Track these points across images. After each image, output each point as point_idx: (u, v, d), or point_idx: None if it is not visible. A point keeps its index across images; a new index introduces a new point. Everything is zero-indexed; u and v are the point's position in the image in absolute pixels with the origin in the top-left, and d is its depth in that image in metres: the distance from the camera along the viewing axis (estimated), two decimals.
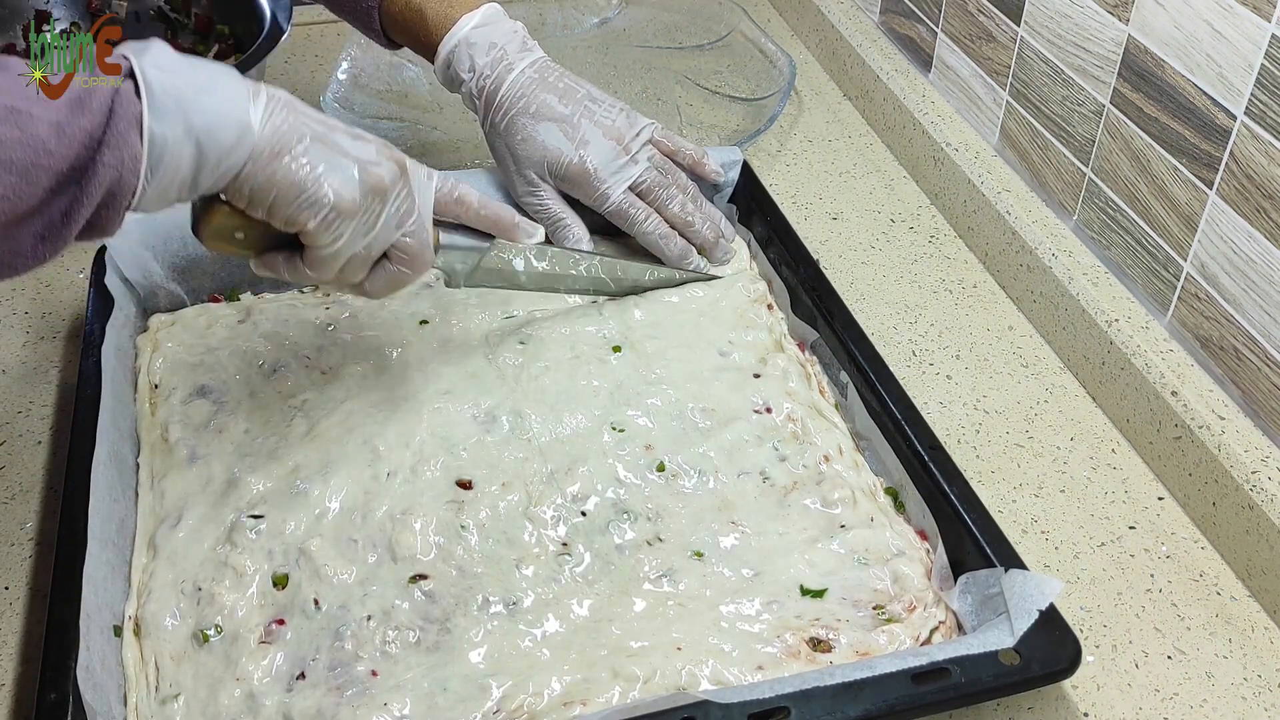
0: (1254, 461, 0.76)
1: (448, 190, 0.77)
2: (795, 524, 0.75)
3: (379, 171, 0.67)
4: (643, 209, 0.91)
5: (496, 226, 0.80)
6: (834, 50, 1.29)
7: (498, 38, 0.91)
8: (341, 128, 0.68)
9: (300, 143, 0.64)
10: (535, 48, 0.93)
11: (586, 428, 0.80)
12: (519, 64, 0.91)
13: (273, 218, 0.65)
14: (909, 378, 0.90)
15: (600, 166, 0.90)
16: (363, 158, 0.67)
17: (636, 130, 0.92)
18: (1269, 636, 0.73)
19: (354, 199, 0.66)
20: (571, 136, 0.90)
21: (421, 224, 0.72)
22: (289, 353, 0.85)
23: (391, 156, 0.69)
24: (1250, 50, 0.75)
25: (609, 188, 0.90)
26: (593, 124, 0.91)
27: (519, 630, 0.68)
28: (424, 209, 0.72)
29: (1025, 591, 0.66)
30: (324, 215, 0.65)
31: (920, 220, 1.09)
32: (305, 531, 0.73)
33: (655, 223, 0.91)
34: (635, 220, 0.91)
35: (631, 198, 0.91)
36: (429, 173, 0.74)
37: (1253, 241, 0.78)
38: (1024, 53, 1.00)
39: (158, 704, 0.65)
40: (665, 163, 0.94)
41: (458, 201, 0.77)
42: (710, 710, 0.61)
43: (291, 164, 0.63)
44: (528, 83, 0.91)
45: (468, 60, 0.91)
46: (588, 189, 0.91)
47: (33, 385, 0.88)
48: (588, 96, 0.92)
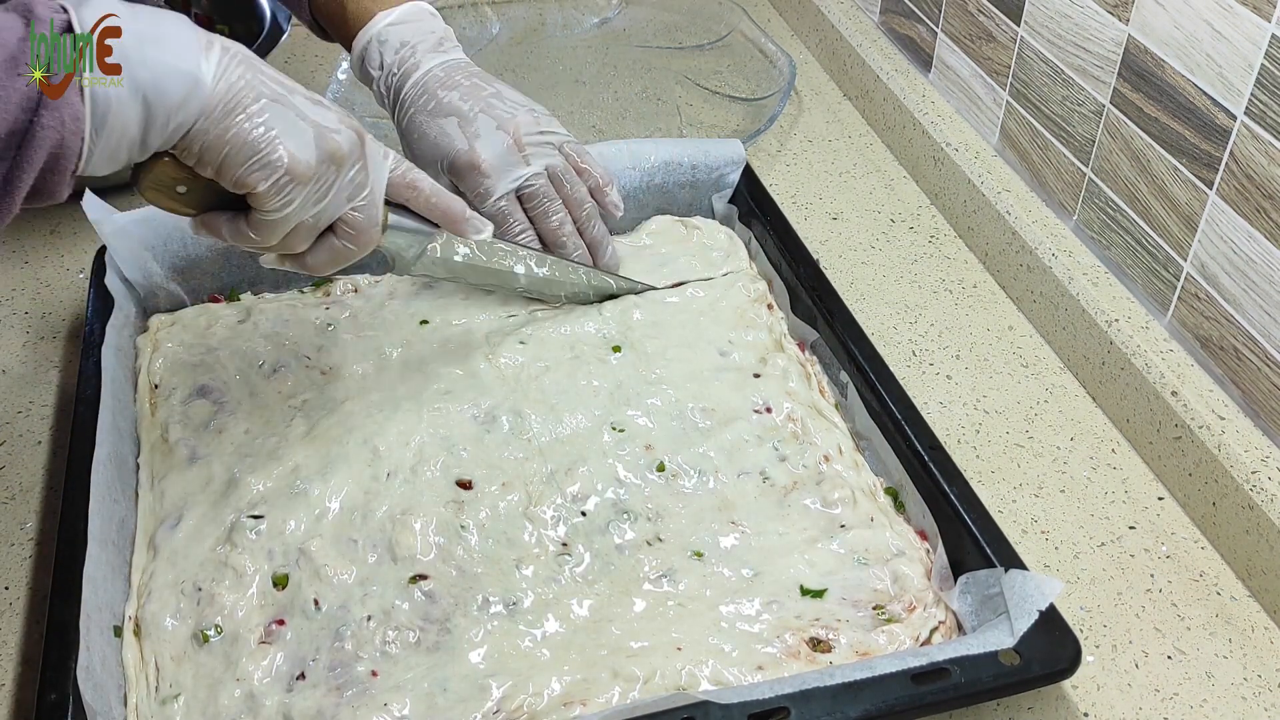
0: (1254, 461, 0.76)
1: (401, 173, 0.73)
2: (795, 524, 0.75)
3: (337, 139, 0.65)
4: (519, 220, 0.88)
5: (446, 218, 0.76)
6: (834, 50, 1.29)
7: (410, 36, 0.90)
8: (301, 91, 0.65)
9: (256, 101, 0.61)
10: (453, 50, 0.92)
11: (586, 428, 0.80)
12: (426, 63, 0.90)
13: (221, 177, 0.62)
14: (909, 378, 0.90)
15: (487, 160, 0.87)
16: (321, 123, 0.64)
17: (539, 130, 0.89)
18: (1269, 636, 0.73)
19: (309, 164, 0.63)
20: (465, 130, 0.88)
21: (373, 200, 0.69)
22: (289, 353, 0.85)
23: (351, 125, 0.67)
24: (1250, 50, 0.75)
25: (492, 184, 0.87)
26: (489, 118, 0.88)
27: (519, 630, 0.68)
28: (376, 185, 0.70)
29: (1025, 591, 0.66)
30: (276, 178, 0.62)
31: (920, 220, 1.09)
32: (305, 531, 0.73)
33: (529, 237, 0.89)
34: (510, 228, 0.88)
35: (512, 203, 0.88)
36: (385, 151, 0.72)
37: (1253, 241, 0.78)
38: (1024, 53, 1.00)
39: (158, 704, 0.65)
40: (568, 174, 0.89)
41: (410, 186, 0.74)
42: (710, 710, 0.61)
43: (245, 123, 0.61)
44: (432, 81, 0.89)
45: (378, 57, 0.91)
46: (472, 182, 0.88)
47: (33, 385, 0.88)
48: (494, 95, 0.89)
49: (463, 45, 0.93)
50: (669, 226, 0.98)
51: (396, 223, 0.74)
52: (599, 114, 1.21)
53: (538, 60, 1.30)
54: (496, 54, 1.30)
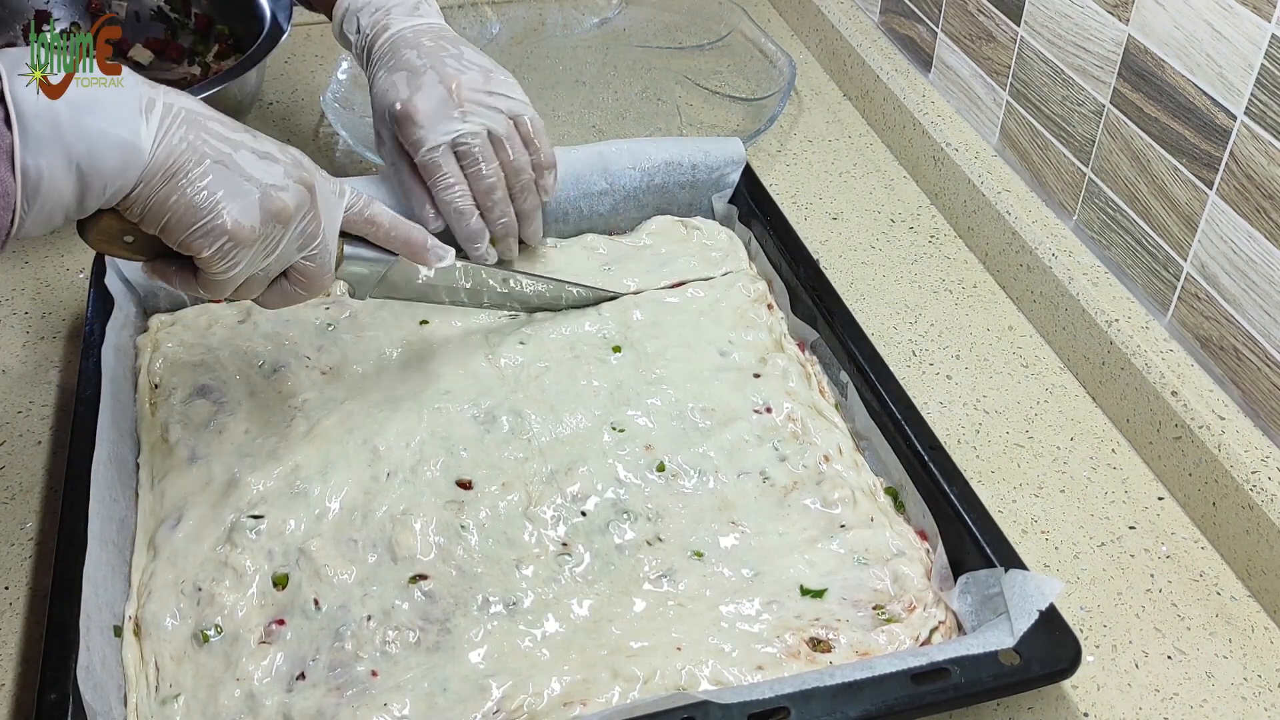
0: (1254, 461, 0.76)
1: (359, 209, 0.73)
2: (795, 524, 0.75)
3: (283, 198, 0.64)
4: (451, 172, 0.87)
5: (406, 248, 0.76)
6: (834, 50, 1.29)
7: (386, 1, 0.91)
8: (249, 145, 0.64)
9: (199, 165, 0.60)
10: (430, 14, 0.92)
11: (586, 428, 0.80)
12: (396, 25, 0.90)
13: (165, 239, 0.62)
14: (909, 378, 0.90)
15: (423, 111, 0.85)
16: (267, 182, 0.63)
17: (486, 90, 0.87)
18: (1269, 636, 0.73)
19: (253, 227, 0.62)
20: (410, 83, 0.87)
21: (324, 247, 0.69)
22: (289, 353, 0.85)
23: (299, 179, 0.66)
24: (1250, 50, 0.75)
25: (425, 134, 0.86)
26: (435, 73, 0.87)
27: (519, 630, 0.68)
28: (329, 230, 0.69)
29: (1025, 591, 0.66)
30: (220, 244, 0.62)
31: (920, 220, 1.09)
32: (305, 531, 0.73)
33: (457, 192, 0.87)
34: (438, 180, 0.87)
35: (446, 156, 0.86)
36: (341, 189, 0.71)
37: (1253, 241, 0.78)
38: (1024, 53, 1.00)
39: (158, 704, 0.65)
40: (512, 139, 0.88)
41: (368, 221, 0.74)
42: (710, 710, 0.61)
43: (187, 188, 0.60)
44: (399, 41, 0.89)
45: (354, 22, 0.92)
46: (407, 131, 0.86)
47: (33, 385, 0.88)
48: (453, 55, 0.88)
49: None
50: (669, 226, 0.98)
51: (353, 254, 0.74)
52: (599, 114, 1.21)
53: (538, 60, 1.30)
54: (496, 54, 1.29)
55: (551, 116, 1.20)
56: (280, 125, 1.19)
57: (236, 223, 0.61)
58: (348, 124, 1.10)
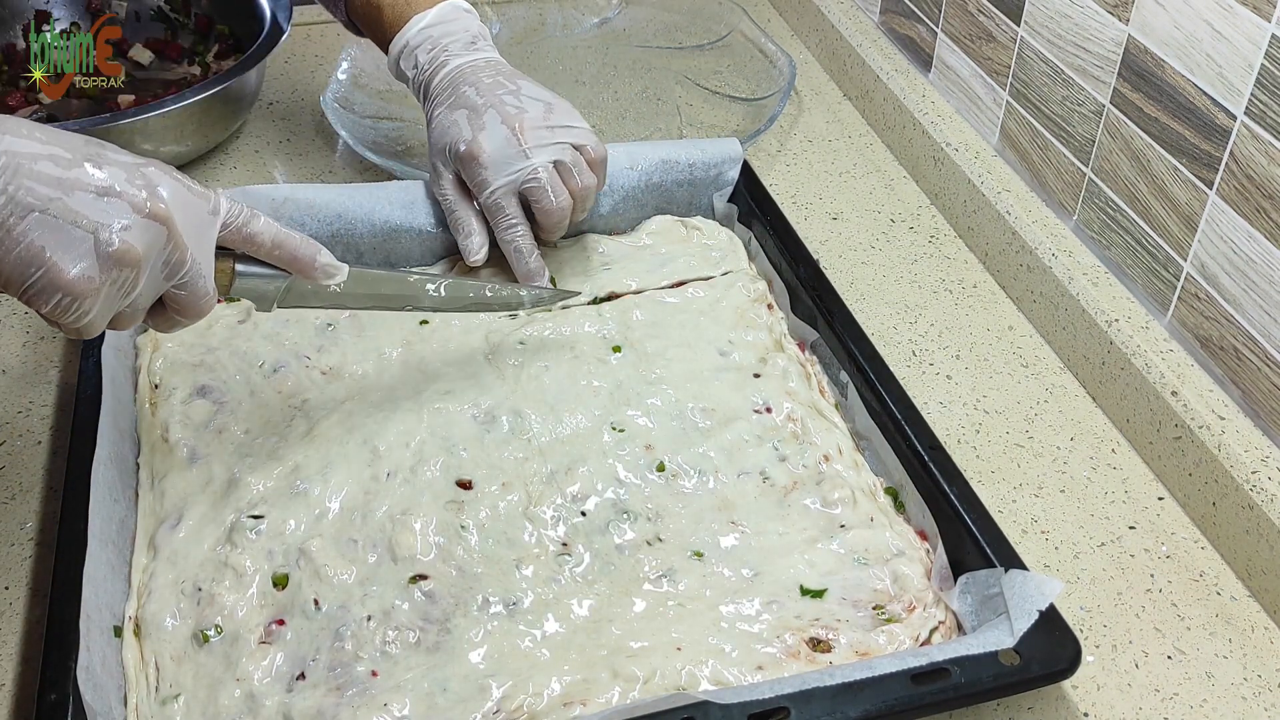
0: (1254, 461, 0.76)
1: (239, 225, 0.67)
2: (795, 524, 0.75)
3: (126, 239, 0.58)
4: (514, 214, 0.88)
5: (294, 266, 0.71)
6: (834, 50, 1.29)
7: (443, 37, 0.92)
8: (85, 183, 0.58)
9: (23, 219, 0.56)
10: (486, 49, 0.93)
11: (586, 428, 0.80)
12: (454, 61, 0.91)
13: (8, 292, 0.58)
14: (909, 378, 0.90)
15: (488, 152, 0.87)
16: (105, 223, 0.58)
17: (548, 125, 0.88)
18: (1269, 636, 0.73)
19: (91, 279, 0.58)
20: (473, 123, 0.88)
21: (195, 273, 0.64)
22: (289, 353, 0.85)
23: (151, 212, 0.60)
24: (1250, 50, 0.75)
25: (489, 175, 0.87)
26: (497, 112, 0.88)
27: (519, 630, 0.68)
28: (200, 255, 0.64)
29: (1025, 591, 0.66)
30: (57, 300, 0.57)
31: (920, 220, 1.09)
32: (305, 531, 0.73)
33: (519, 232, 0.88)
34: (500, 222, 0.88)
35: (509, 197, 0.88)
36: (214, 208, 0.65)
37: (1253, 241, 0.78)
38: (1024, 53, 1.00)
39: (158, 704, 0.65)
40: (578, 165, 0.89)
41: (248, 240, 0.68)
42: (710, 710, 0.61)
43: (14, 247, 0.56)
44: (456, 77, 0.90)
45: (413, 59, 0.93)
46: (472, 173, 0.88)
47: (33, 385, 0.88)
48: (510, 91, 0.89)
49: None
50: (669, 226, 0.98)
51: (245, 270, 0.70)
52: (599, 114, 1.21)
53: (538, 60, 1.30)
54: None
55: None
56: (280, 125, 1.19)
57: (72, 277, 0.57)
58: (348, 124, 1.10)
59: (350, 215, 0.92)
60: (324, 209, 0.91)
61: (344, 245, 0.92)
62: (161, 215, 0.61)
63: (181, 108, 1.03)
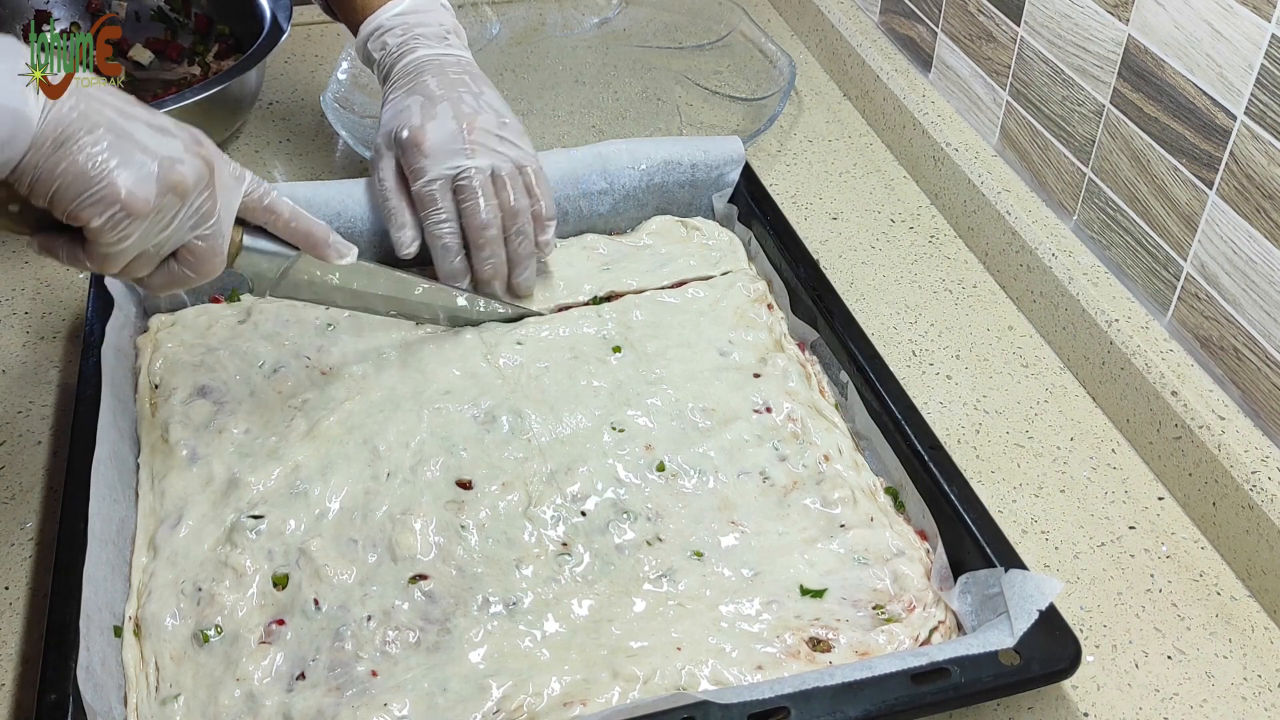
0: (1254, 461, 0.76)
1: (258, 196, 0.71)
2: (795, 524, 0.75)
3: (182, 170, 0.62)
4: (445, 208, 0.86)
5: (307, 242, 0.74)
6: (834, 50, 1.29)
7: (416, 25, 0.91)
8: (144, 117, 0.62)
9: (90, 132, 0.58)
10: (458, 46, 0.92)
11: (586, 428, 0.80)
12: (422, 50, 0.90)
13: (54, 210, 0.60)
14: (909, 378, 0.90)
15: (431, 141, 0.85)
16: (164, 154, 0.62)
17: (498, 134, 0.87)
18: (1269, 636, 0.73)
19: (147, 199, 0.60)
20: (425, 111, 0.87)
21: (218, 229, 0.67)
22: (289, 353, 0.85)
23: (199, 154, 0.64)
24: (1250, 50, 0.75)
25: (428, 164, 0.85)
26: (452, 106, 0.87)
27: (519, 630, 0.68)
28: (225, 213, 0.67)
29: (1025, 591, 0.66)
30: (111, 214, 0.60)
31: (920, 220, 1.09)
32: (305, 531, 0.73)
33: (447, 228, 0.86)
34: (430, 213, 0.86)
35: (444, 190, 0.86)
36: (239, 174, 0.69)
37: (1253, 241, 0.78)
38: (1024, 53, 1.00)
39: (158, 704, 0.65)
40: (515, 183, 0.87)
41: (267, 209, 0.71)
42: (710, 710, 0.61)
43: (79, 155, 0.58)
44: (423, 65, 0.89)
45: (381, 42, 0.92)
46: (411, 158, 0.86)
47: (33, 385, 0.88)
48: (471, 92, 0.88)
49: None
50: (669, 226, 0.98)
51: (252, 244, 0.72)
52: (599, 114, 1.21)
53: (538, 60, 1.30)
54: (496, 54, 1.30)
55: (552, 116, 1.21)
56: (280, 125, 1.19)
57: (130, 193, 0.60)
58: (348, 124, 1.10)
59: (349, 213, 0.92)
60: (323, 206, 0.91)
61: None
62: (208, 159, 0.65)
63: (181, 108, 1.03)
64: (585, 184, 0.97)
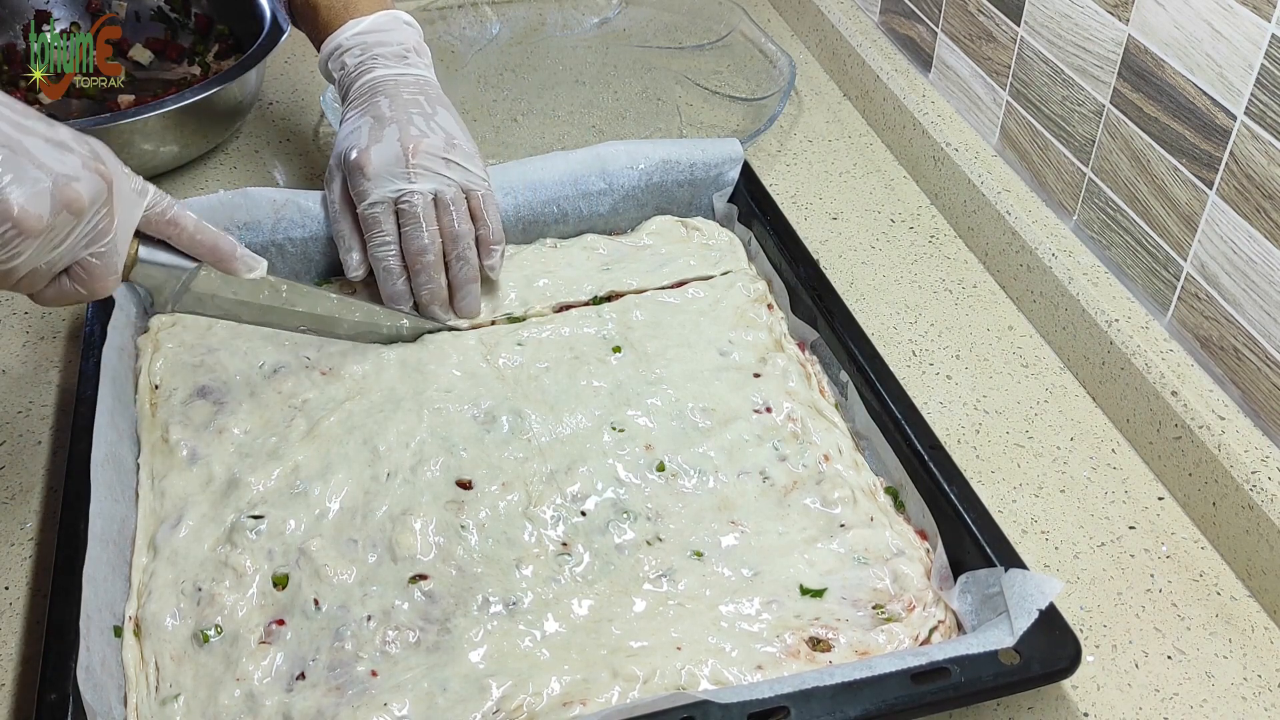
0: (1254, 461, 0.76)
1: (161, 210, 0.70)
2: (795, 523, 0.75)
3: (78, 188, 0.61)
4: (388, 230, 0.86)
5: (213, 255, 0.73)
6: (834, 50, 1.29)
7: (375, 45, 0.91)
8: (42, 131, 0.61)
9: None
10: (418, 65, 0.92)
11: (586, 428, 0.80)
12: (379, 70, 0.90)
13: None
14: (909, 378, 0.90)
15: (374, 164, 0.85)
16: (60, 170, 0.60)
17: (444, 157, 0.86)
18: (1269, 636, 0.73)
19: (40, 216, 0.59)
20: (373, 133, 0.87)
21: (113, 246, 0.66)
22: (289, 353, 0.85)
23: (97, 170, 0.63)
24: (1250, 50, 0.75)
25: (369, 187, 0.85)
26: (398, 129, 0.86)
27: (519, 630, 0.68)
28: (121, 229, 0.66)
29: (1025, 591, 0.66)
30: (2, 231, 0.58)
31: (920, 220, 1.09)
32: (305, 531, 0.73)
33: (389, 250, 0.86)
34: (373, 236, 0.86)
35: (387, 213, 0.86)
36: (142, 188, 0.68)
37: (1253, 241, 0.78)
38: (1024, 53, 1.00)
39: (158, 704, 0.65)
40: (458, 206, 0.86)
41: (170, 223, 0.71)
42: (710, 710, 0.61)
43: None
44: (377, 86, 0.89)
45: (340, 62, 0.92)
46: (355, 181, 0.86)
47: (33, 385, 0.88)
48: (423, 114, 0.88)
49: (462, 45, 0.93)
50: (669, 227, 0.98)
51: (148, 257, 0.71)
52: (599, 114, 1.21)
53: (538, 60, 1.30)
54: (496, 54, 1.30)
55: (551, 116, 1.21)
56: (280, 125, 1.19)
57: (23, 209, 0.58)
58: None
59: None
60: (323, 218, 0.91)
61: None
62: (107, 176, 0.63)
63: (181, 108, 1.03)
64: (584, 184, 0.97)
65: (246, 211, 0.90)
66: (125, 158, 1.02)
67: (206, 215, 0.89)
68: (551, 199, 0.96)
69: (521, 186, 0.96)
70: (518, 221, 0.96)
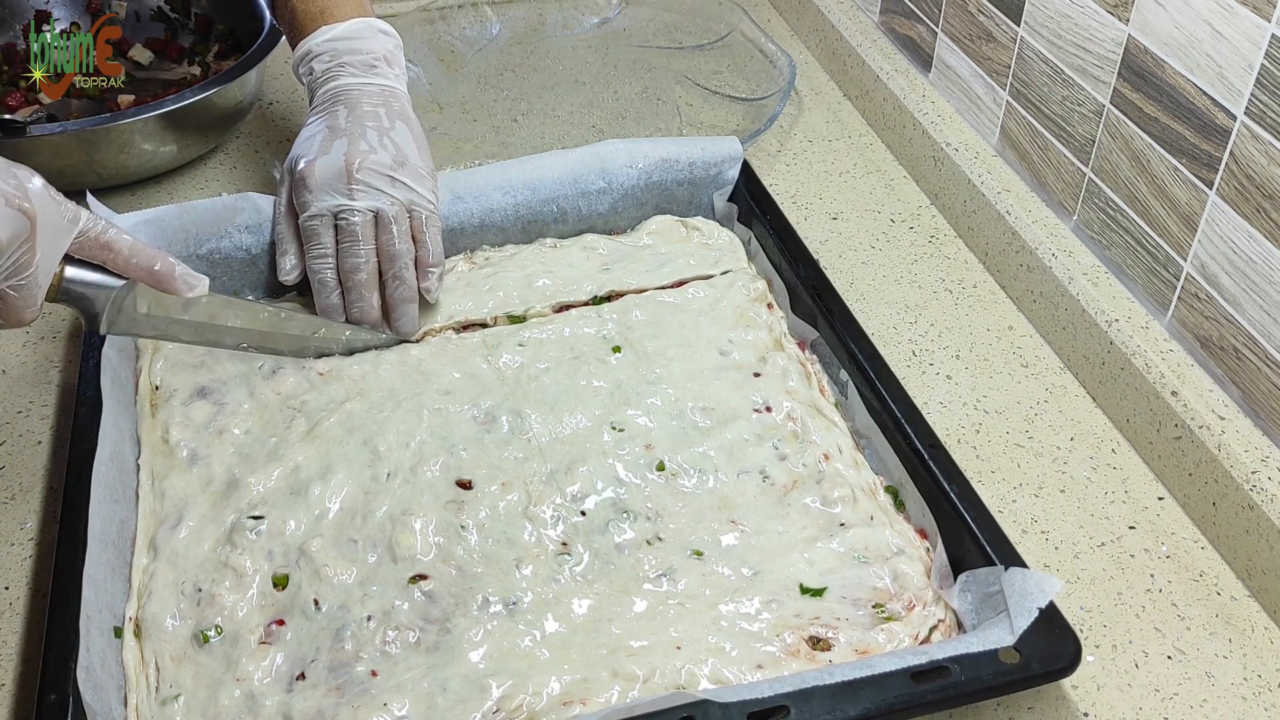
0: (1254, 461, 0.76)
1: (96, 234, 0.69)
2: (795, 523, 0.75)
3: None
4: (326, 244, 0.85)
5: (151, 277, 0.72)
6: (834, 50, 1.29)
7: (345, 53, 0.91)
8: None
9: None
10: (387, 75, 0.91)
11: (586, 427, 0.80)
12: (344, 79, 0.90)
13: None
14: (909, 378, 0.90)
15: (316, 177, 0.84)
16: None
17: (389, 175, 0.85)
18: (1269, 636, 0.73)
19: None
20: (324, 144, 0.86)
21: (34, 279, 0.65)
22: None
23: (20, 206, 0.62)
24: (1250, 50, 0.75)
25: (309, 199, 0.85)
26: (347, 143, 0.86)
27: (519, 630, 0.68)
28: (44, 261, 0.65)
29: (1025, 590, 0.66)
30: None
31: (920, 220, 1.09)
32: (305, 532, 0.73)
33: (325, 264, 0.85)
34: (311, 248, 0.85)
35: (326, 226, 0.85)
36: (74, 216, 0.68)
37: (1253, 241, 0.78)
38: (1024, 53, 1.00)
39: (158, 705, 0.65)
40: (399, 225, 0.85)
41: (105, 247, 0.70)
42: (710, 709, 0.61)
43: None
44: (340, 95, 0.89)
45: (309, 68, 0.92)
46: (297, 192, 0.86)
47: (33, 385, 0.88)
48: (379, 128, 0.87)
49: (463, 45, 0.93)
50: (669, 226, 0.98)
51: (73, 277, 0.70)
52: (599, 114, 1.21)
53: (538, 60, 1.30)
54: (496, 54, 1.30)
55: (551, 116, 1.21)
56: (280, 125, 1.19)
57: None
58: None
59: None
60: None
61: None
62: (29, 212, 0.62)
63: (181, 107, 1.03)
64: (584, 183, 0.97)
65: (248, 215, 0.90)
66: (125, 158, 1.04)
67: (209, 218, 0.90)
68: (551, 198, 0.96)
69: (521, 186, 0.96)
70: (517, 221, 0.96)
